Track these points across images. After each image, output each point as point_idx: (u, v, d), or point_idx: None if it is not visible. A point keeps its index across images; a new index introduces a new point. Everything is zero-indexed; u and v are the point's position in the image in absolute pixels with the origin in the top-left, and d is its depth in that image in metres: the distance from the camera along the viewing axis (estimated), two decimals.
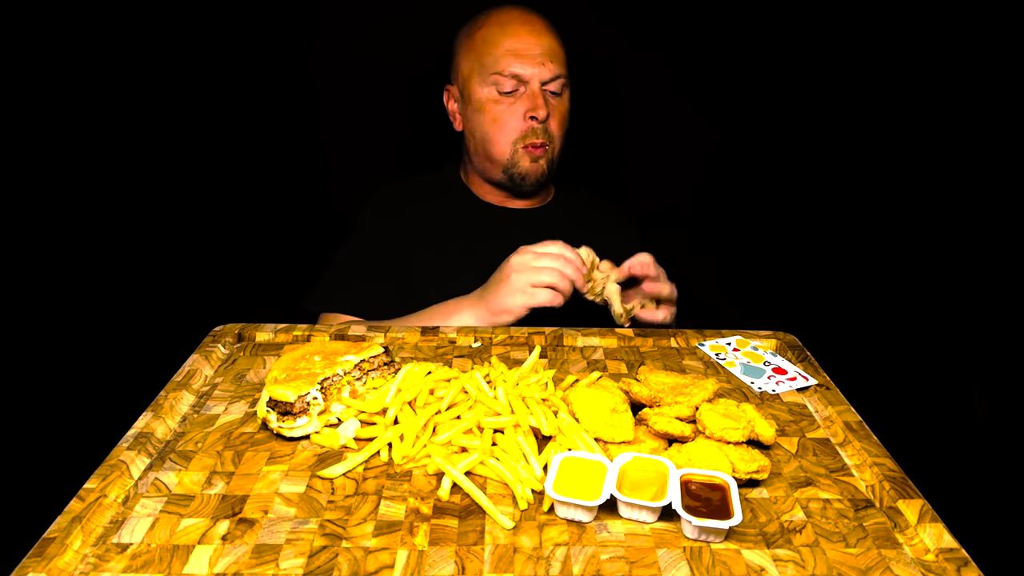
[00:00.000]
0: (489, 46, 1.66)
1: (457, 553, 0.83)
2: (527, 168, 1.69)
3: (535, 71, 1.64)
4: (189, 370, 1.20)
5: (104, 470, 0.94)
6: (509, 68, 1.63)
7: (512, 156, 1.68)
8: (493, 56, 1.64)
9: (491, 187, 1.79)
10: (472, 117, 1.71)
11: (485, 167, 1.74)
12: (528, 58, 1.64)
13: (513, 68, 1.63)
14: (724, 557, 0.84)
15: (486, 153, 1.71)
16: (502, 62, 1.63)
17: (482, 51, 1.67)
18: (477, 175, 1.79)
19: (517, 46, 1.64)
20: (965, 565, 0.83)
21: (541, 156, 1.69)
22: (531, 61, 1.63)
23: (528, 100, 1.65)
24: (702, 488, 0.90)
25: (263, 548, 0.84)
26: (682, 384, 1.11)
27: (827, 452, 1.04)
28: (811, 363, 1.27)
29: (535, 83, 1.65)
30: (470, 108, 1.71)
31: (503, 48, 1.64)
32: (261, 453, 1.01)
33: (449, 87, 1.78)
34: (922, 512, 0.90)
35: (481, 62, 1.66)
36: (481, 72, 1.66)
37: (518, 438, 0.99)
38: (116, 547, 0.84)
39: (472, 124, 1.72)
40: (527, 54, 1.64)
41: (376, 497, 0.92)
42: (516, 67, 1.63)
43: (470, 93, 1.69)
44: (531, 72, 1.64)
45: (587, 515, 0.88)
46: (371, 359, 1.14)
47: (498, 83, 1.65)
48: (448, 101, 1.79)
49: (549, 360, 1.28)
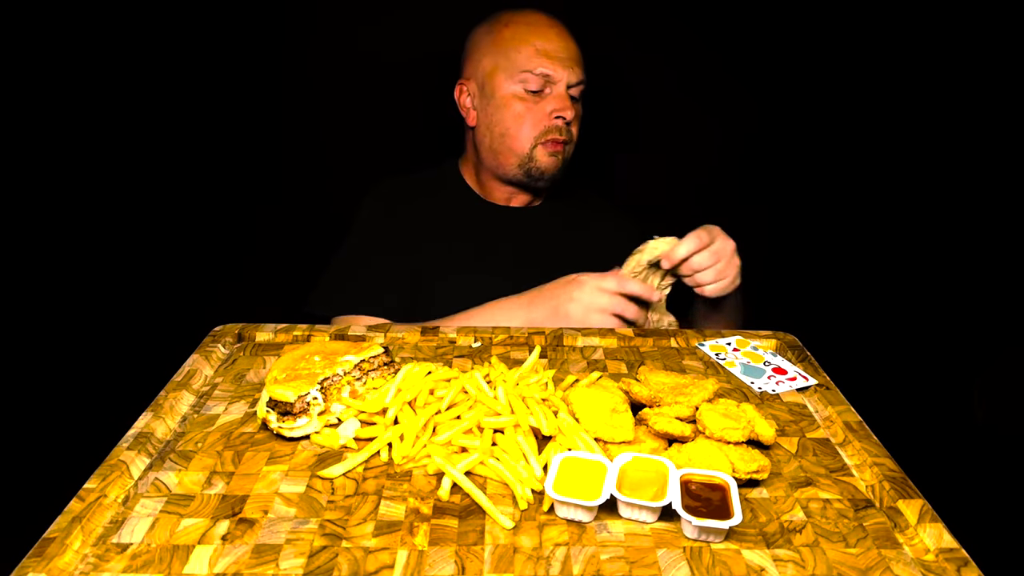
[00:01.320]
0: (519, 44, 1.67)
1: (457, 553, 0.83)
2: (545, 163, 1.71)
3: (564, 73, 1.67)
4: (189, 370, 1.20)
5: (104, 470, 0.94)
6: (540, 67, 1.65)
7: (531, 151, 1.70)
8: (524, 54, 1.66)
9: (499, 183, 1.79)
10: (493, 112, 1.71)
11: (500, 162, 1.74)
12: (559, 60, 1.66)
13: (544, 68, 1.66)
14: (724, 557, 0.84)
15: (505, 148, 1.71)
16: (534, 61, 1.66)
17: (510, 47, 1.68)
18: (486, 171, 1.79)
19: (548, 47, 1.66)
20: (965, 565, 0.83)
21: (560, 152, 1.71)
22: (561, 64, 1.67)
23: (557, 101, 1.67)
24: (702, 488, 0.90)
25: (263, 548, 0.84)
26: (682, 384, 1.11)
27: (827, 452, 1.04)
28: (811, 363, 1.27)
29: (563, 85, 1.68)
30: (492, 104, 1.71)
31: (534, 48, 1.66)
32: (261, 453, 1.01)
33: (464, 82, 1.78)
34: (922, 512, 0.90)
35: (508, 57, 1.68)
36: (508, 68, 1.68)
37: (518, 438, 0.98)
38: (116, 547, 0.84)
39: (492, 119, 1.72)
40: (557, 56, 1.66)
41: (376, 497, 0.92)
42: (547, 67, 1.66)
43: (493, 89, 1.70)
44: (561, 73, 1.67)
45: (587, 515, 0.88)
46: (371, 359, 1.14)
47: (526, 81, 1.66)
48: (461, 96, 1.79)
49: (549, 360, 1.28)
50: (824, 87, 2.11)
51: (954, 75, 2.06)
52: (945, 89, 2.07)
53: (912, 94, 2.09)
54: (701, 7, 2.06)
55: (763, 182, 2.22)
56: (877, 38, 2.06)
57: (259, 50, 2.03)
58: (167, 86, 2.01)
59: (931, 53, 2.05)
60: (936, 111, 2.08)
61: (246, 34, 2.01)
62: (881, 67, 2.08)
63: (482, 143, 1.77)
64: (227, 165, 2.10)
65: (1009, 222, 2.12)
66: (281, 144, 2.13)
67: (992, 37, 2.01)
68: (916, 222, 2.18)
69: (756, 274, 2.26)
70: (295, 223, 2.16)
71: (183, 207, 2.10)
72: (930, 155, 2.13)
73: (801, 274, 2.24)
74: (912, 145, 2.13)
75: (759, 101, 2.13)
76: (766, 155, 2.19)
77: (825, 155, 2.17)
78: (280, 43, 2.05)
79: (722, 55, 2.10)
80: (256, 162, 2.12)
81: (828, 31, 2.06)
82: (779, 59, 2.09)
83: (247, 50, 2.02)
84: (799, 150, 2.17)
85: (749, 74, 2.11)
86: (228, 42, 2.00)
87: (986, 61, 2.03)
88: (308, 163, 2.15)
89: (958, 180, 2.13)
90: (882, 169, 2.17)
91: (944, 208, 2.15)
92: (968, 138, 2.09)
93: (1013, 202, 2.10)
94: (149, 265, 2.11)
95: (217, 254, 2.14)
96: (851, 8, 2.03)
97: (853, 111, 2.12)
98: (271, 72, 2.06)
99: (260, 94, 2.07)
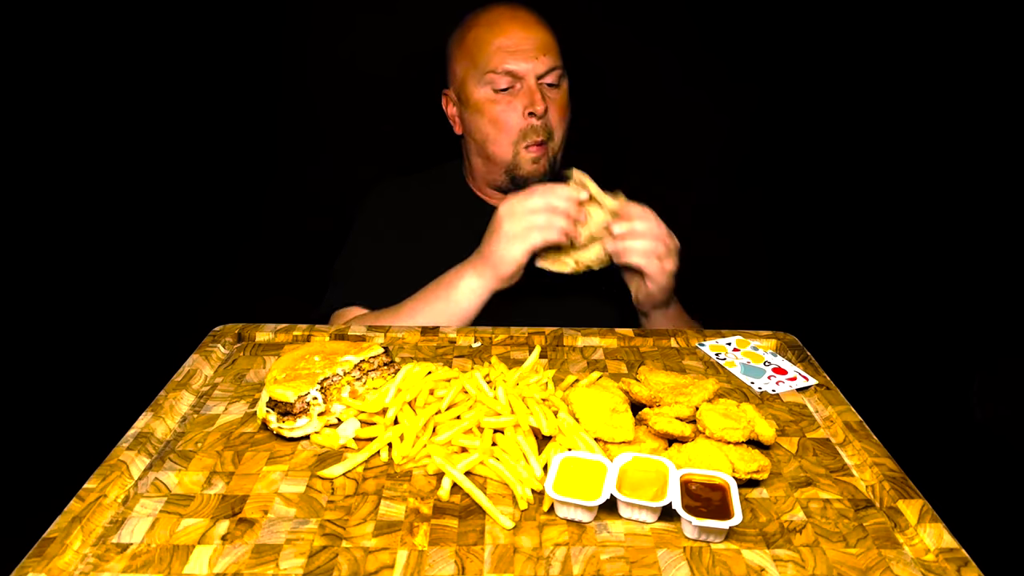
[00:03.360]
0: (481, 45, 1.65)
1: (457, 553, 0.83)
2: (529, 170, 1.69)
3: (529, 66, 1.63)
4: (189, 370, 1.20)
5: (104, 470, 0.94)
6: (502, 65, 1.62)
7: (514, 158, 1.68)
8: (486, 55, 1.64)
9: (492, 190, 1.79)
10: (471, 119, 1.70)
11: (487, 169, 1.74)
12: (520, 53, 1.63)
13: (507, 65, 1.62)
14: (724, 557, 0.84)
15: (487, 155, 1.71)
16: (495, 59, 1.63)
17: (474, 51, 1.66)
18: (481, 179, 1.79)
19: (508, 42, 1.63)
20: (965, 565, 0.83)
21: (542, 156, 1.68)
22: (524, 56, 1.63)
23: (525, 96, 1.64)
24: (702, 488, 0.90)
25: (263, 548, 0.84)
26: (682, 384, 1.11)
27: (827, 452, 1.04)
28: (811, 363, 1.27)
29: (530, 78, 1.64)
30: (468, 111, 1.70)
31: (494, 46, 1.63)
32: (261, 453, 1.01)
33: (447, 92, 1.77)
34: (922, 512, 0.90)
35: (475, 63, 1.66)
36: (475, 73, 1.66)
37: (518, 438, 0.98)
38: (116, 547, 0.84)
39: (471, 127, 1.71)
40: (519, 49, 1.63)
41: (376, 497, 0.92)
42: (510, 63, 1.62)
43: (467, 95, 1.69)
44: (525, 67, 1.63)
45: (587, 515, 0.88)
46: (371, 359, 1.14)
47: (493, 81, 1.64)
48: (447, 106, 1.78)
49: (549, 360, 1.28)
50: (824, 87, 2.11)
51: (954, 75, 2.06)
52: (945, 90, 2.07)
53: (912, 94, 2.09)
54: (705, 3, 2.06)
55: (763, 182, 2.21)
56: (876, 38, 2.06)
57: (258, 49, 2.03)
58: (167, 87, 2.01)
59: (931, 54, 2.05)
60: (936, 112, 2.08)
61: (246, 32, 2.01)
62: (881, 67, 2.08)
63: (470, 151, 1.77)
64: (227, 166, 2.10)
65: (1009, 223, 2.12)
66: (281, 146, 2.13)
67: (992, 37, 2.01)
68: (916, 222, 2.18)
69: (756, 274, 2.27)
70: (295, 223, 2.16)
71: (183, 207, 2.10)
72: (930, 156, 2.13)
73: (801, 274, 2.24)
74: (912, 145, 2.13)
75: (761, 99, 2.13)
76: (766, 154, 2.19)
77: (825, 155, 2.17)
78: (279, 42, 2.05)
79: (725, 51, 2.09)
80: (256, 163, 2.12)
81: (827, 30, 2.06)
82: (778, 59, 2.08)
83: (246, 49, 2.02)
84: (800, 150, 2.17)
85: (751, 72, 2.10)
86: (227, 40, 2.00)
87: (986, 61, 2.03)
88: (308, 164, 2.15)
89: (958, 180, 2.13)
90: (882, 169, 2.17)
91: (944, 208, 2.15)
92: (968, 138, 2.09)
93: (1013, 203, 2.10)
94: (149, 265, 2.11)
95: (217, 254, 2.14)
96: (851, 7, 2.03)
97: (853, 111, 2.12)
98: (270, 72, 2.06)
99: (260, 95, 2.07)
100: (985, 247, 2.16)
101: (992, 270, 2.15)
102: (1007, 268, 2.12)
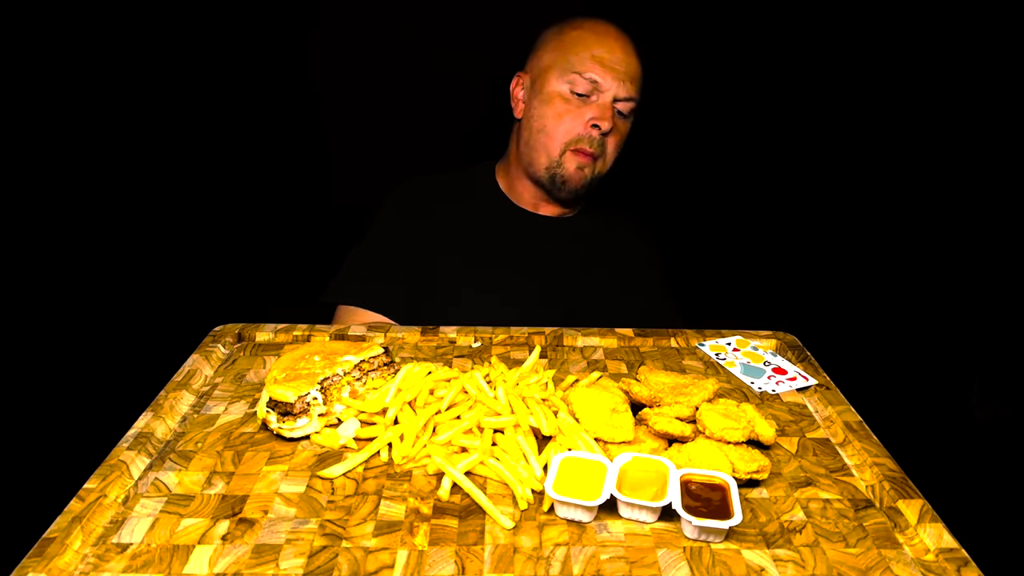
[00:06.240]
0: (578, 46, 1.68)
1: (457, 553, 0.83)
2: (571, 173, 1.70)
3: (613, 84, 1.66)
4: (189, 370, 1.20)
5: (104, 470, 0.94)
6: (590, 72, 1.65)
7: (560, 156, 1.69)
8: (580, 56, 1.67)
9: (529, 185, 1.78)
10: (537, 107, 1.72)
11: (532, 159, 1.74)
12: (611, 70, 1.66)
13: (594, 74, 1.65)
14: (724, 557, 0.84)
15: (539, 144, 1.72)
16: (587, 64, 1.66)
17: (570, 48, 1.69)
18: (520, 170, 1.79)
19: (605, 56, 1.66)
20: (965, 565, 0.83)
21: (587, 165, 1.70)
22: (613, 74, 1.66)
23: (597, 109, 1.66)
24: (702, 488, 0.90)
25: (263, 548, 0.84)
26: (682, 384, 1.11)
27: (827, 452, 1.04)
28: (811, 363, 1.27)
29: (609, 95, 1.67)
30: (537, 98, 1.72)
31: (591, 53, 1.67)
32: (261, 453, 1.01)
33: (521, 74, 1.79)
34: (922, 512, 0.90)
35: (566, 58, 1.68)
36: (562, 67, 1.68)
37: (518, 438, 0.98)
38: (116, 547, 0.84)
39: (534, 114, 1.73)
40: (611, 66, 1.66)
41: (376, 497, 0.92)
42: (597, 73, 1.65)
43: (543, 84, 1.71)
44: (610, 84, 1.66)
45: (587, 515, 0.88)
46: (371, 359, 1.14)
47: (574, 82, 1.66)
48: (515, 87, 1.80)
49: (549, 360, 1.28)
50: (824, 87, 2.11)
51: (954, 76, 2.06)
52: (945, 90, 2.07)
53: (912, 94, 2.09)
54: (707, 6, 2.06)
55: (763, 182, 2.21)
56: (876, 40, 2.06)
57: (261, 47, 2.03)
58: (168, 87, 2.01)
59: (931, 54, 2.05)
60: (936, 112, 2.08)
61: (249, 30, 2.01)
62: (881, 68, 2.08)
63: (521, 136, 1.78)
64: (228, 165, 2.10)
65: (1009, 223, 2.12)
66: (283, 144, 2.12)
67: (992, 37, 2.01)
68: (916, 222, 2.18)
69: (756, 274, 2.27)
70: (296, 223, 2.15)
71: (184, 207, 2.10)
72: (930, 156, 2.13)
73: (801, 274, 2.24)
74: (912, 146, 2.13)
75: (761, 102, 2.13)
76: (766, 155, 2.19)
77: (826, 155, 2.17)
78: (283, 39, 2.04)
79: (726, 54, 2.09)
80: (258, 162, 2.12)
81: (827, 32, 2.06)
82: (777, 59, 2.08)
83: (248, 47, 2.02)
84: (800, 150, 2.17)
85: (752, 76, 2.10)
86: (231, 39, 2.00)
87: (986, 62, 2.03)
88: (310, 163, 2.14)
89: (958, 180, 2.13)
90: (882, 170, 2.17)
91: (944, 209, 2.15)
92: (968, 139, 2.09)
93: (1013, 203, 2.10)
94: (150, 265, 2.11)
95: (217, 254, 2.14)
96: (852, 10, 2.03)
97: (853, 112, 2.12)
98: (273, 70, 2.05)
99: (262, 94, 2.07)
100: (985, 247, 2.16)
101: (992, 270, 2.15)
102: (1007, 268, 2.12)
